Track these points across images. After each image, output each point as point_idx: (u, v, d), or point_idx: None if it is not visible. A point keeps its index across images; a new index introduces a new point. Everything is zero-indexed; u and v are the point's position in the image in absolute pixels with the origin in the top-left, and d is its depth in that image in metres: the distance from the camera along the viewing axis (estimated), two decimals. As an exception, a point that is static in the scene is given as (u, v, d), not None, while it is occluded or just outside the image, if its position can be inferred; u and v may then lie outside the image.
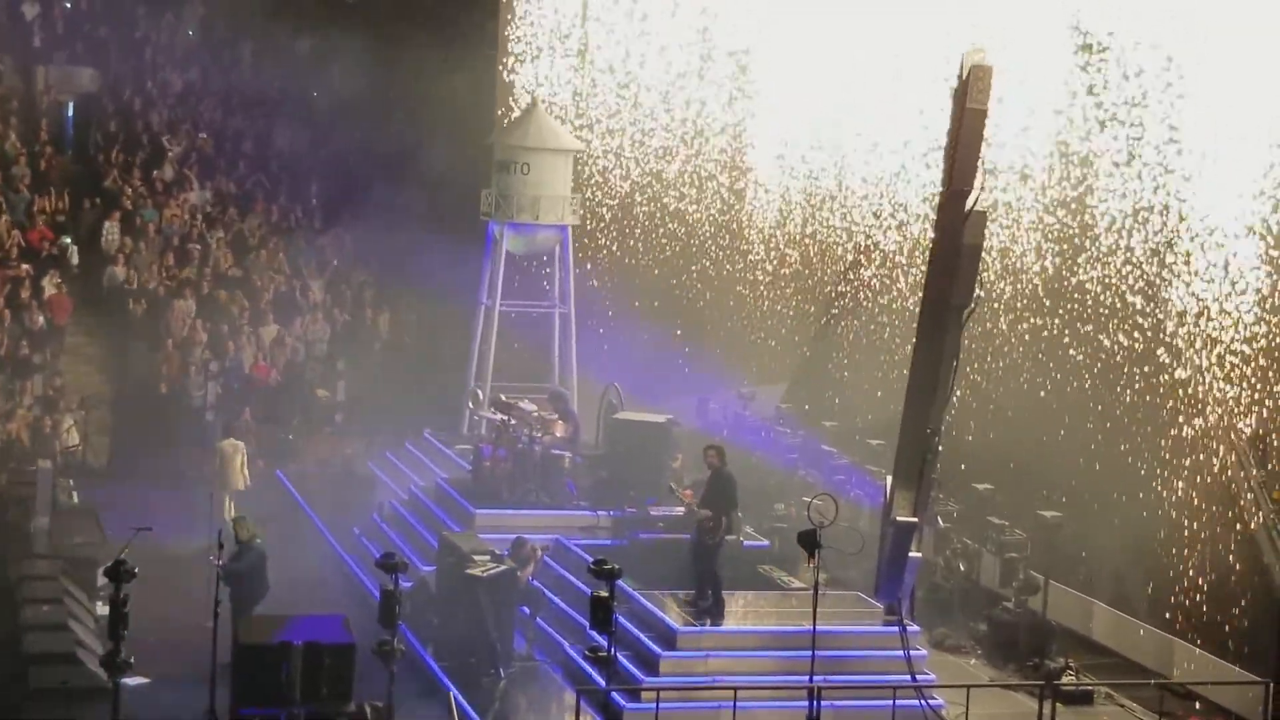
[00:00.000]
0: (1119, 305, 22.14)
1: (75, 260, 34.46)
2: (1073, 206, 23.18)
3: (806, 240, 30.22)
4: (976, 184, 19.35)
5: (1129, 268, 21.94)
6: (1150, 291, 21.62)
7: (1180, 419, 20.94)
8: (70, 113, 39.64)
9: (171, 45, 42.78)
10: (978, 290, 19.99)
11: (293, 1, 40.14)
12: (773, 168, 31.20)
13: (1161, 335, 21.33)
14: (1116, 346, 22.14)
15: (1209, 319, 20.58)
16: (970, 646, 22.12)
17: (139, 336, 33.07)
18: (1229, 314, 20.34)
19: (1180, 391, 20.95)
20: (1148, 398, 21.51)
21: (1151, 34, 21.59)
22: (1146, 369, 21.56)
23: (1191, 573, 20.51)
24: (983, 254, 20.10)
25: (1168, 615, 20.89)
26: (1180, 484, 20.79)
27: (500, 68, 35.70)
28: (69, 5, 42.25)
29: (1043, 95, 23.45)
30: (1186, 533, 20.66)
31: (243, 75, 41.90)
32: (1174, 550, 20.81)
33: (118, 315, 33.63)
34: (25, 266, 33.29)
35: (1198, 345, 20.66)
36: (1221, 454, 20.27)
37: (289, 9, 39.96)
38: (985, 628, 22.20)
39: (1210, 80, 20.51)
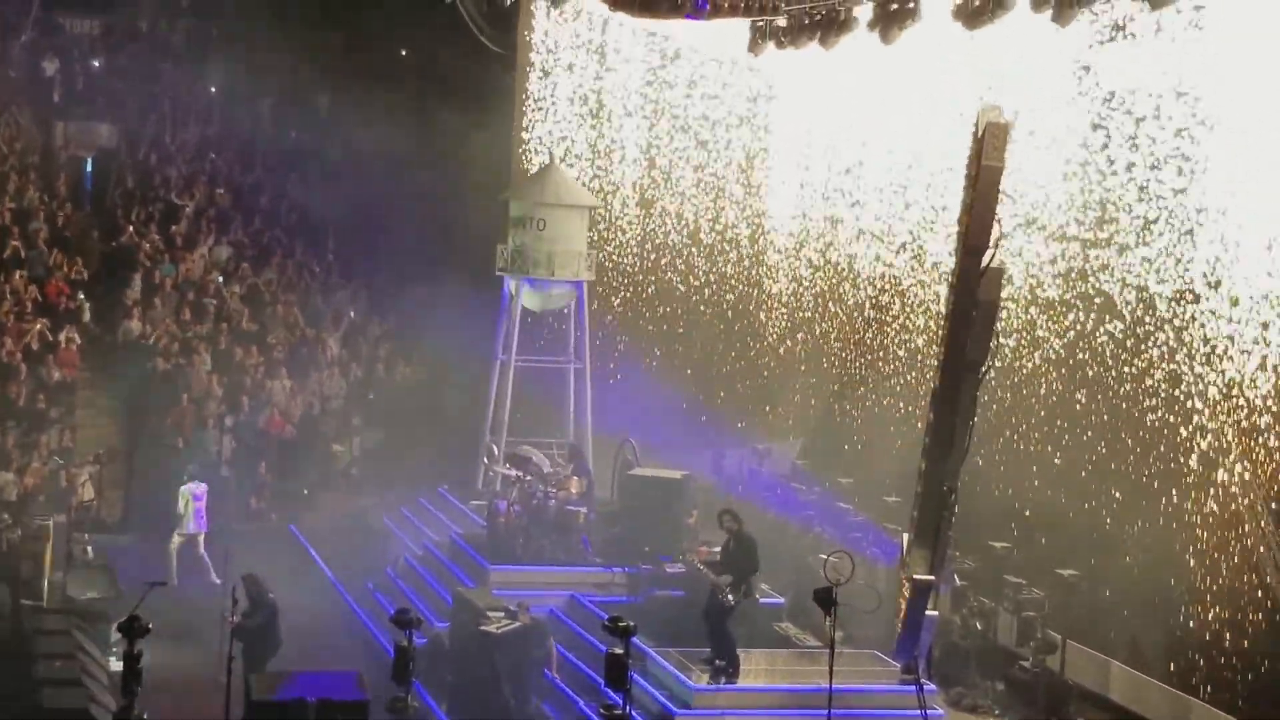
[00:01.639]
0: (1139, 365, 22.02)
1: (87, 316, 34.52)
2: (1091, 261, 23.10)
3: (824, 295, 30.18)
4: (993, 241, 19.36)
5: (1151, 327, 21.82)
6: (1171, 353, 21.49)
7: (1202, 480, 20.78)
8: (89, 168, 39.85)
9: (191, 101, 43.07)
10: (994, 347, 19.97)
11: (312, 58, 40.42)
12: (790, 222, 31.21)
13: (1183, 396, 21.19)
14: (1136, 406, 22.01)
15: (1234, 386, 20.44)
16: (988, 706, 21.93)
17: (154, 391, 33.09)
18: (1254, 381, 20.20)
19: (1201, 453, 20.80)
20: (1170, 457, 21.35)
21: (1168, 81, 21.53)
22: (1168, 428, 21.43)
23: (1210, 633, 20.35)
24: (1000, 311, 20.10)
25: (1186, 675, 20.71)
26: (1200, 544, 20.64)
27: (519, 123, 35.83)
28: (96, 64, 42.58)
29: (1059, 148, 23.42)
30: (1206, 593, 20.50)
31: (262, 131, 42.14)
32: (1193, 610, 20.66)
33: (133, 369, 33.67)
34: (42, 321, 33.38)
35: (1220, 408, 20.51)
36: (1243, 515, 20.12)
37: (309, 65, 40.23)
38: (1003, 687, 22.01)
39: (1233, 130, 20.40)
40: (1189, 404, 21.02)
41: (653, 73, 33.86)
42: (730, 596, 20.00)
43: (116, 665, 20.50)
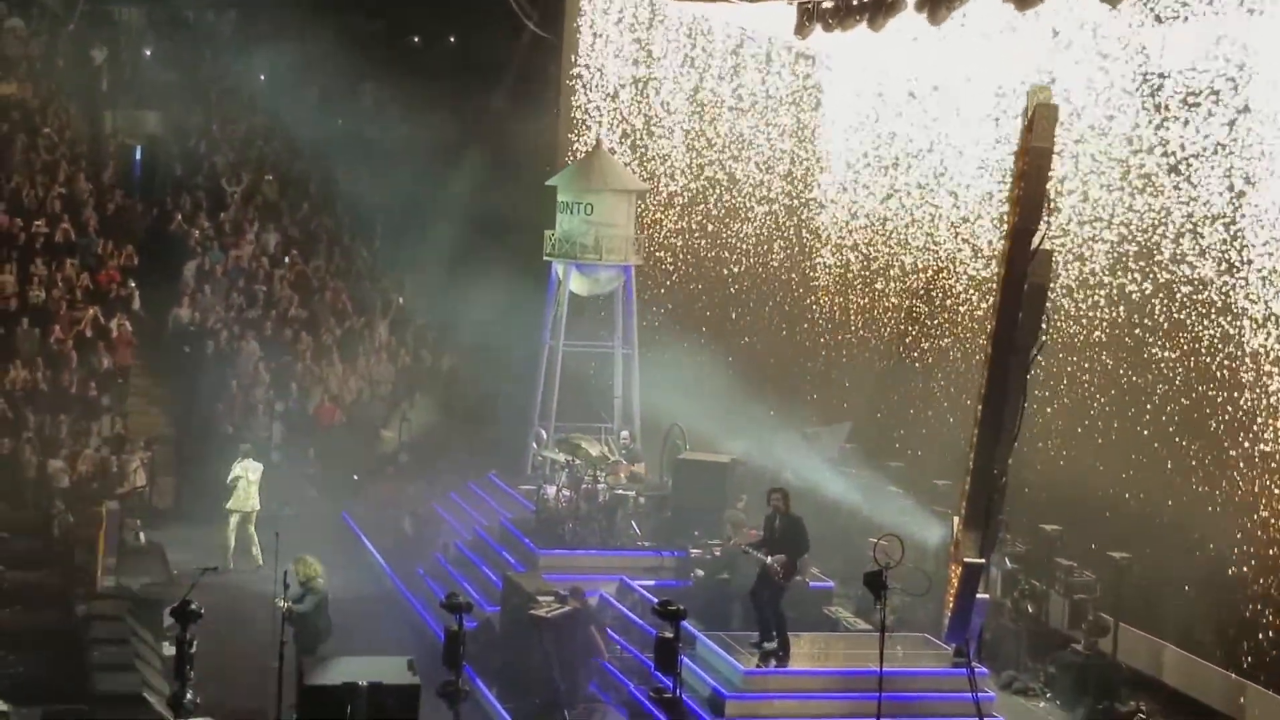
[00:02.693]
0: (1193, 345, 21.84)
1: (136, 304, 34.71)
2: (1143, 237, 22.91)
3: (873, 278, 30.06)
4: (1042, 223, 19.22)
5: (1204, 306, 21.62)
6: (1226, 331, 21.30)
7: (1259, 461, 20.60)
8: (138, 156, 40.06)
9: (238, 89, 43.24)
10: (1044, 329, 19.84)
11: (360, 46, 40.49)
12: (840, 203, 31.07)
13: (1239, 376, 21.00)
14: (1191, 386, 21.83)
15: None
16: (1039, 689, 21.85)
17: (205, 377, 33.29)
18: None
19: (1256, 432, 20.62)
20: (1225, 438, 21.17)
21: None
22: (1223, 409, 21.26)
23: (1266, 616, 20.19)
24: (1049, 292, 19.96)
25: (1240, 658, 20.57)
26: (1254, 525, 20.48)
27: (567, 109, 35.79)
28: (146, 53, 42.81)
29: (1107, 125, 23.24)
30: (1259, 574, 20.35)
31: (308, 118, 42.26)
32: (1246, 592, 20.50)
33: (184, 356, 33.86)
34: (93, 308, 33.60)
35: (1275, 386, 20.32)
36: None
37: (356, 53, 40.31)
38: (1054, 670, 21.93)
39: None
40: (1245, 386, 20.84)
41: (699, 55, 33.75)
42: (785, 579, 19.93)
43: (169, 650, 20.63)
